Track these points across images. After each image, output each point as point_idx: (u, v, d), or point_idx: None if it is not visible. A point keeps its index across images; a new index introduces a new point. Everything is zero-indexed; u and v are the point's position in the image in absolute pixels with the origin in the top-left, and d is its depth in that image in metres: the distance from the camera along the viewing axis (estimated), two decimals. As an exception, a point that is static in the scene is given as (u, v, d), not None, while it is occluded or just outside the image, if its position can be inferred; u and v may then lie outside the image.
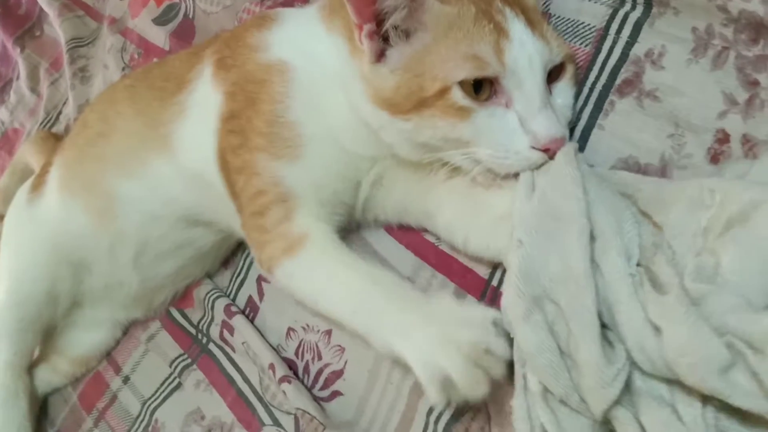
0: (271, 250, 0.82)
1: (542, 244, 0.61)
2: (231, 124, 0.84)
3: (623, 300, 0.55)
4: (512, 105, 0.69)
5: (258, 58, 0.84)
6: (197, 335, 1.08)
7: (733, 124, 0.64)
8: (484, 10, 0.70)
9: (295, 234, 0.80)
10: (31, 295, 1.07)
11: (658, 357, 0.52)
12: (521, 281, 0.59)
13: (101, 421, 1.12)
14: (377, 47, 0.72)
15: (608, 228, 0.59)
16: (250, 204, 0.84)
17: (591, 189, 0.62)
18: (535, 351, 0.57)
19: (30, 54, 1.85)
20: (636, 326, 0.54)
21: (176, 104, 0.92)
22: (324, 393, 0.87)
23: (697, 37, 0.69)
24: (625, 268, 0.56)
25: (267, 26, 0.87)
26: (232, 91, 0.84)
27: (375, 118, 0.75)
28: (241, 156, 0.83)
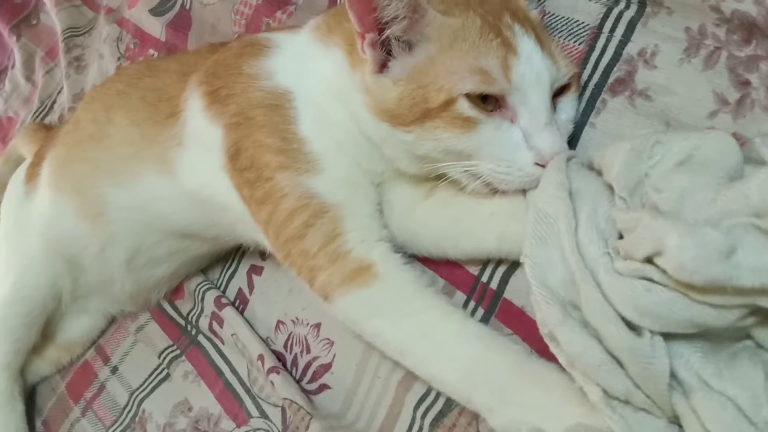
0: (327, 276, 0.76)
1: (541, 253, 0.60)
2: (240, 160, 0.81)
3: (604, 279, 0.55)
4: (517, 120, 0.69)
5: (263, 85, 0.82)
6: (186, 327, 1.08)
7: (724, 123, 0.64)
8: (491, 23, 0.70)
9: (355, 257, 0.75)
10: (38, 288, 1.07)
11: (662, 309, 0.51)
12: (542, 289, 0.59)
13: (88, 410, 1.12)
14: (379, 57, 0.72)
15: (582, 217, 0.59)
16: (284, 230, 0.78)
17: (576, 183, 0.62)
18: (581, 350, 0.55)
19: (26, 43, 1.85)
20: (627, 293, 0.53)
21: (172, 133, 0.90)
22: (312, 386, 0.87)
23: (690, 37, 0.69)
24: (599, 250, 0.56)
25: (264, 54, 0.85)
26: (234, 122, 0.81)
27: (375, 130, 0.75)
28: (262, 187, 0.79)
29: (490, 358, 0.65)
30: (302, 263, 0.78)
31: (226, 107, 0.83)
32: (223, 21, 1.31)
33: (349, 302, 0.75)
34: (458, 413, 0.72)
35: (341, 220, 0.77)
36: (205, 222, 0.94)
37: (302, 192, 0.77)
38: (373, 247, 0.77)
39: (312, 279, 0.77)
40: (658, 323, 0.51)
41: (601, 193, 0.61)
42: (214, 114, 0.84)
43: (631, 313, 0.52)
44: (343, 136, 0.79)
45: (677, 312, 0.50)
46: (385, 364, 0.80)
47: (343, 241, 0.76)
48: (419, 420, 0.74)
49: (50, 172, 1.07)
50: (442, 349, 0.68)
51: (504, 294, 0.74)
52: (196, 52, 1.07)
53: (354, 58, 0.76)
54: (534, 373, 0.62)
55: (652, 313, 0.51)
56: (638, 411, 0.54)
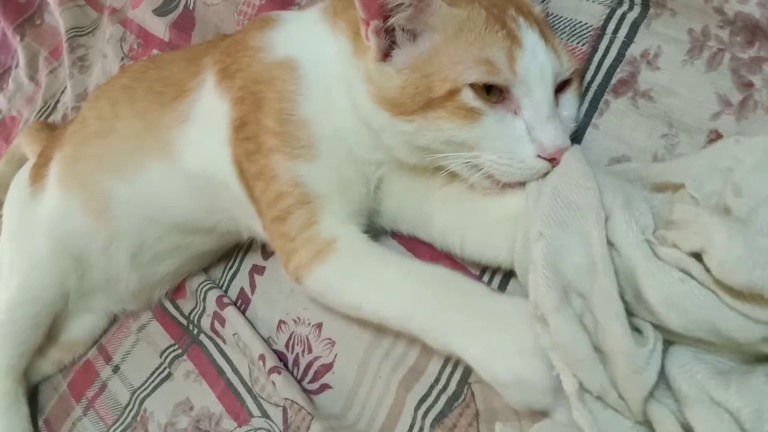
0: (299, 258, 0.79)
1: (561, 236, 0.60)
2: (243, 131, 0.82)
3: (641, 263, 0.54)
4: (520, 112, 0.69)
5: (263, 57, 0.83)
6: (188, 326, 1.08)
7: (727, 124, 0.64)
8: (496, 15, 0.70)
9: (323, 238, 0.78)
10: (45, 289, 1.07)
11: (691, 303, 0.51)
12: (549, 271, 0.58)
13: (90, 409, 1.12)
14: (384, 45, 0.72)
15: (616, 206, 0.58)
16: (270, 209, 0.81)
17: (599, 177, 0.62)
18: (569, 341, 0.55)
19: (30, 42, 1.86)
20: (662, 280, 0.53)
21: (178, 112, 0.91)
22: (313, 386, 0.87)
23: (693, 39, 0.69)
24: (638, 236, 0.56)
25: (269, 26, 0.86)
26: (239, 96, 0.83)
27: (376, 119, 0.75)
28: (258, 161, 0.81)
29: (421, 288, 0.70)
30: (282, 245, 0.82)
31: (233, 81, 0.84)
32: (226, 21, 1.31)
33: (313, 279, 0.78)
34: (459, 414, 0.72)
35: (319, 210, 0.79)
36: (205, 209, 0.95)
37: (290, 178, 0.79)
38: (340, 228, 0.79)
39: (287, 262, 0.81)
40: (682, 318, 0.51)
41: (629, 191, 0.61)
42: (223, 89, 0.85)
43: (660, 300, 0.52)
44: (342, 121, 0.79)
45: (705, 311, 0.50)
46: (386, 364, 0.80)
47: (316, 228, 0.79)
48: (420, 420, 0.74)
49: (58, 171, 1.07)
50: (382, 292, 0.73)
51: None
52: (207, 42, 1.08)
53: (358, 46, 0.76)
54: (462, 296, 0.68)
55: (680, 305, 0.51)
56: (607, 408, 0.55)
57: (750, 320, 0.49)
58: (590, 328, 0.56)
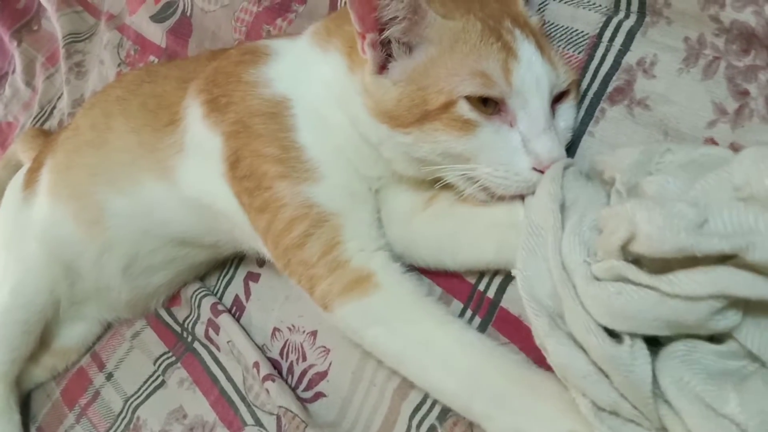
0: (327, 285, 0.76)
1: (531, 265, 0.61)
2: (240, 168, 0.81)
3: (581, 287, 0.55)
4: (516, 124, 0.68)
5: (261, 93, 0.82)
6: (182, 333, 1.08)
7: (722, 133, 0.64)
8: (491, 27, 0.70)
9: (354, 266, 0.75)
10: (37, 294, 1.07)
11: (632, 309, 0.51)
12: (531, 302, 0.59)
13: (83, 417, 1.12)
14: (380, 58, 0.72)
15: (568, 227, 0.59)
16: (283, 239, 0.78)
17: (572, 193, 0.62)
18: (567, 361, 0.55)
19: (27, 48, 1.86)
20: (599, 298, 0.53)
21: (173, 140, 0.90)
22: (307, 394, 0.87)
23: (689, 47, 0.69)
24: (579, 258, 0.56)
25: (263, 62, 0.85)
26: (233, 130, 0.81)
27: (374, 132, 0.75)
28: (260, 196, 0.79)
29: (488, 367, 0.65)
30: (302, 272, 0.78)
31: (225, 115, 0.82)
32: (223, 28, 1.31)
33: (348, 311, 0.75)
34: (453, 423, 0.71)
35: (340, 228, 0.77)
36: (204, 228, 0.94)
37: (301, 201, 0.77)
38: (372, 256, 0.77)
39: (312, 288, 0.77)
40: (629, 324, 0.51)
41: (594, 202, 0.61)
42: (213, 122, 0.84)
43: (605, 317, 0.52)
44: (342, 141, 0.79)
45: (647, 310, 0.50)
46: (381, 372, 0.79)
47: (342, 250, 0.76)
48: (415, 429, 0.74)
49: (49, 178, 1.07)
50: (441, 359, 0.68)
51: (501, 303, 0.74)
52: (196, 59, 1.07)
53: (353, 60, 0.76)
54: (531, 382, 0.63)
55: (622, 314, 0.51)
56: (627, 423, 0.54)
57: (692, 300, 0.49)
58: (583, 348, 0.56)
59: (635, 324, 0.51)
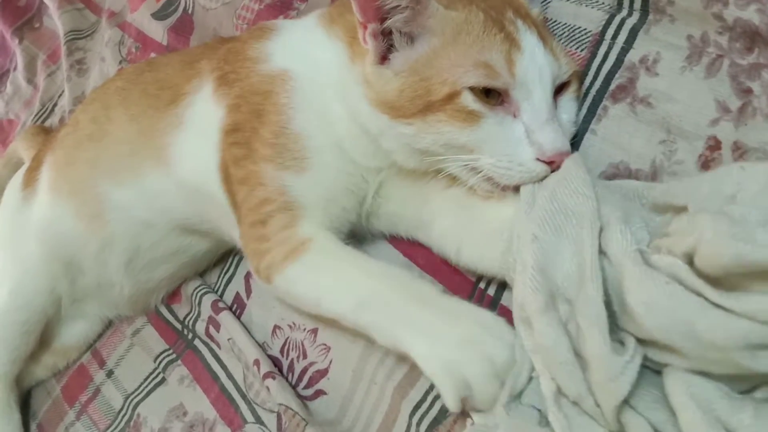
0: (271, 257, 0.79)
1: (555, 241, 0.60)
2: (234, 136, 0.82)
3: (629, 269, 0.54)
4: (519, 115, 0.68)
5: (260, 69, 0.83)
6: (183, 331, 1.07)
7: (725, 131, 0.64)
8: (494, 18, 0.70)
9: (298, 239, 0.78)
10: (37, 294, 1.07)
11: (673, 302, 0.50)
12: (538, 275, 0.59)
13: (83, 414, 1.11)
14: (381, 48, 0.72)
15: (614, 218, 0.58)
16: (251, 213, 0.81)
17: (598, 190, 0.62)
18: (551, 345, 0.56)
19: (28, 45, 1.85)
20: (646, 283, 0.52)
21: (173, 116, 0.91)
22: (308, 391, 0.87)
23: (692, 45, 0.69)
24: (631, 245, 0.56)
25: (266, 36, 0.86)
26: (235, 103, 0.83)
27: (375, 123, 0.75)
28: (245, 167, 0.81)
29: (375, 283, 0.72)
30: (256, 247, 0.81)
31: (231, 89, 0.84)
32: (224, 25, 1.31)
33: (283, 277, 0.79)
34: (453, 420, 0.71)
35: (299, 218, 0.80)
36: (198, 215, 0.95)
37: (277, 187, 0.80)
38: (316, 230, 0.79)
39: (258, 262, 0.81)
40: (660, 318, 0.51)
41: (629, 207, 0.61)
42: (220, 95, 0.85)
43: (640, 301, 0.52)
44: (341, 131, 0.79)
45: (686, 310, 0.50)
46: (382, 370, 0.79)
47: (293, 231, 0.79)
48: (415, 426, 0.73)
49: (49, 176, 1.07)
50: (337, 287, 0.74)
51: (501, 300, 0.74)
52: (203, 45, 1.07)
53: (354, 51, 0.76)
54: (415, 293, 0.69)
55: (660, 304, 0.51)
56: (583, 414, 0.55)
57: (733, 316, 0.48)
58: (573, 335, 0.57)
59: (665, 320, 0.50)
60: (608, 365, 0.52)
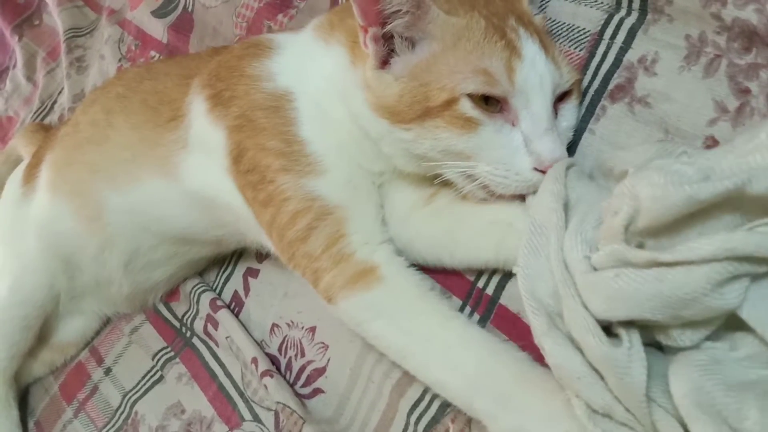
0: (331, 278, 0.76)
1: (533, 264, 0.60)
2: (243, 162, 0.81)
3: (580, 282, 0.55)
4: (518, 124, 0.68)
5: (264, 87, 0.81)
6: (181, 329, 1.07)
7: (723, 131, 0.64)
8: (495, 25, 0.69)
9: (360, 260, 0.75)
10: (36, 290, 1.07)
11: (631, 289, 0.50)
12: (531, 300, 0.59)
13: (81, 411, 1.12)
14: (382, 52, 0.72)
15: (571, 226, 0.59)
16: (287, 232, 0.78)
17: (576, 192, 0.62)
18: (562, 362, 0.55)
19: (28, 43, 1.85)
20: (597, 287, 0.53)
21: (176, 136, 0.90)
22: (306, 390, 0.87)
23: (690, 45, 0.69)
24: (579, 255, 0.56)
25: (266, 55, 0.85)
26: (236, 124, 0.81)
27: (374, 127, 0.75)
28: (265, 189, 0.79)
29: (493, 364, 0.65)
30: (306, 265, 0.78)
31: (228, 109, 0.82)
32: (224, 24, 1.31)
33: (352, 304, 0.75)
34: (451, 419, 0.71)
35: (344, 221, 0.77)
36: (207, 223, 0.94)
37: (305, 194, 0.77)
38: (376, 249, 0.77)
39: (316, 281, 0.77)
40: (626, 307, 0.51)
41: (597, 201, 0.61)
42: (216, 116, 0.84)
43: (603, 305, 0.52)
44: (344, 135, 0.79)
45: (645, 289, 0.49)
46: (379, 369, 0.79)
47: (347, 243, 0.76)
48: (413, 425, 0.74)
49: (49, 175, 1.07)
50: (444, 354, 0.68)
51: (500, 300, 0.74)
52: (198, 56, 1.07)
53: (356, 55, 0.76)
54: (536, 380, 0.62)
55: (620, 297, 0.51)
56: (620, 426, 0.53)
57: (690, 267, 0.48)
58: (580, 348, 0.56)
59: (632, 305, 0.50)
60: (613, 362, 0.51)
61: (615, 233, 0.53)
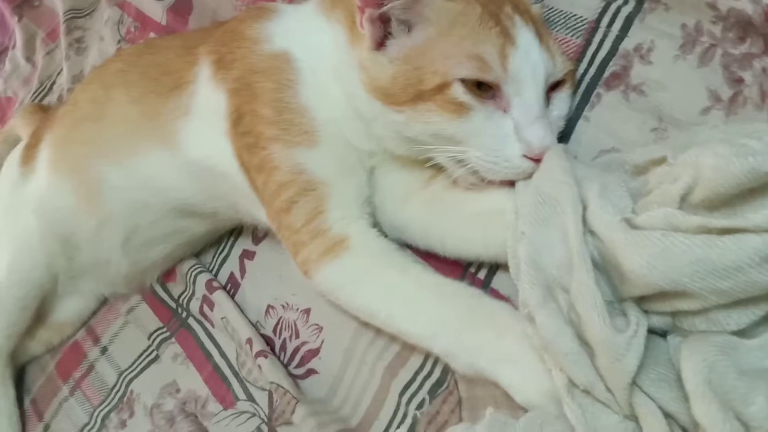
0: (307, 252, 0.79)
1: (542, 233, 0.61)
2: (241, 124, 0.82)
3: (620, 239, 0.54)
4: (510, 110, 0.69)
5: (261, 48, 0.82)
6: (177, 309, 1.08)
7: (716, 120, 0.65)
8: (491, 11, 0.70)
9: (334, 233, 0.78)
10: (34, 269, 1.07)
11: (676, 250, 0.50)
12: (532, 269, 0.59)
13: (77, 390, 1.13)
14: (378, 34, 0.72)
15: (592, 194, 0.59)
16: (273, 201, 0.81)
17: (579, 171, 0.63)
18: (553, 336, 0.56)
19: (27, 23, 1.84)
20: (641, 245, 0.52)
21: (178, 104, 0.90)
22: (299, 371, 0.88)
23: (686, 34, 0.69)
24: (614, 217, 0.55)
25: (267, 17, 0.86)
26: (235, 87, 0.82)
27: (368, 107, 0.75)
28: (258, 154, 0.80)
29: (446, 307, 0.69)
30: (288, 237, 0.81)
31: (229, 72, 0.84)
32: (223, 6, 1.30)
33: (323, 275, 0.78)
34: (442, 400, 0.72)
35: (325, 197, 0.79)
36: (206, 194, 0.94)
37: (292, 166, 0.79)
38: (351, 224, 0.79)
39: (295, 254, 0.81)
40: (667, 269, 0.50)
41: (609, 179, 0.61)
42: (219, 80, 0.85)
43: (643, 263, 0.51)
44: (338, 112, 0.79)
45: (693, 251, 0.49)
46: (372, 350, 0.80)
47: (324, 218, 0.79)
48: (404, 406, 0.75)
49: (48, 153, 1.07)
50: (404, 304, 0.72)
51: (491, 284, 0.75)
52: (202, 29, 1.07)
53: (354, 34, 0.76)
54: (487, 317, 0.67)
55: (665, 255, 0.50)
56: (596, 403, 0.55)
57: (742, 235, 0.47)
58: (575, 322, 0.56)
59: (675, 267, 0.49)
60: (612, 346, 0.52)
61: (670, 199, 0.53)
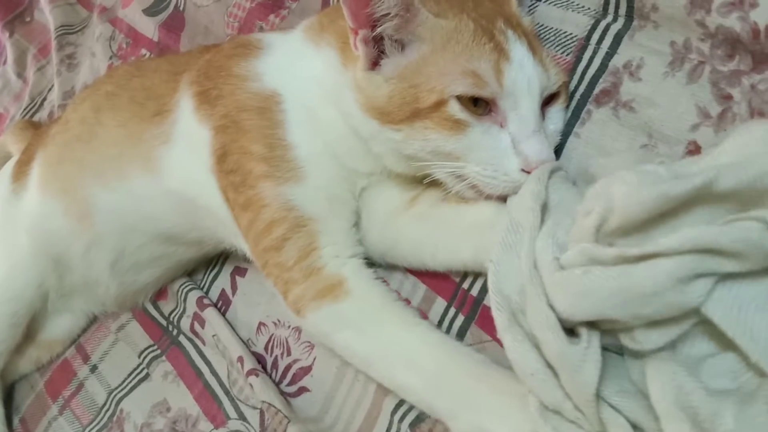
0: (300, 290, 0.77)
1: (505, 260, 0.61)
2: (227, 162, 0.81)
3: (547, 282, 0.55)
4: (506, 125, 0.69)
5: (249, 86, 0.82)
6: (168, 327, 1.08)
7: (705, 136, 0.65)
8: (484, 27, 0.70)
9: (327, 273, 0.77)
10: (25, 287, 1.06)
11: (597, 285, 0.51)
12: (497, 296, 0.60)
13: (66, 408, 1.11)
14: (372, 54, 0.72)
15: (546, 226, 0.60)
16: (262, 239, 0.80)
17: (557, 195, 0.63)
18: (519, 358, 0.56)
19: (18, 39, 1.85)
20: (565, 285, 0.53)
21: (160, 131, 0.90)
22: (291, 388, 0.87)
23: (675, 51, 0.69)
24: (548, 256, 0.57)
25: (254, 55, 0.85)
26: (221, 125, 0.82)
27: (365, 127, 0.75)
28: (245, 193, 0.80)
29: (452, 365, 0.67)
30: (278, 275, 0.79)
31: (214, 109, 0.83)
32: (216, 23, 1.31)
33: (320, 317, 0.77)
34: (435, 419, 0.71)
35: (317, 234, 0.78)
36: (188, 224, 0.94)
37: (282, 203, 0.78)
38: (346, 263, 0.78)
39: (286, 292, 0.79)
40: (590, 304, 0.51)
41: (575, 206, 0.61)
42: (203, 115, 0.84)
43: (568, 302, 0.52)
44: (333, 137, 0.79)
45: (609, 285, 0.50)
46: (365, 368, 0.80)
47: (318, 256, 0.78)
48: (396, 424, 0.74)
49: (40, 172, 1.06)
50: (406, 359, 0.70)
51: (484, 301, 0.74)
52: (189, 53, 1.07)
53: (347, 56, 0.76)
54: (493, 380, 0.64)
55: (584, 293, 0.51)
56: (568, 423, 0.55)
57: (656, 261, 0.48)
58: (538, 345, 0.57)
59: (596, 302, 0.50)
60: (568, 357, 0.52)
61: (585, 234, 0.54)
